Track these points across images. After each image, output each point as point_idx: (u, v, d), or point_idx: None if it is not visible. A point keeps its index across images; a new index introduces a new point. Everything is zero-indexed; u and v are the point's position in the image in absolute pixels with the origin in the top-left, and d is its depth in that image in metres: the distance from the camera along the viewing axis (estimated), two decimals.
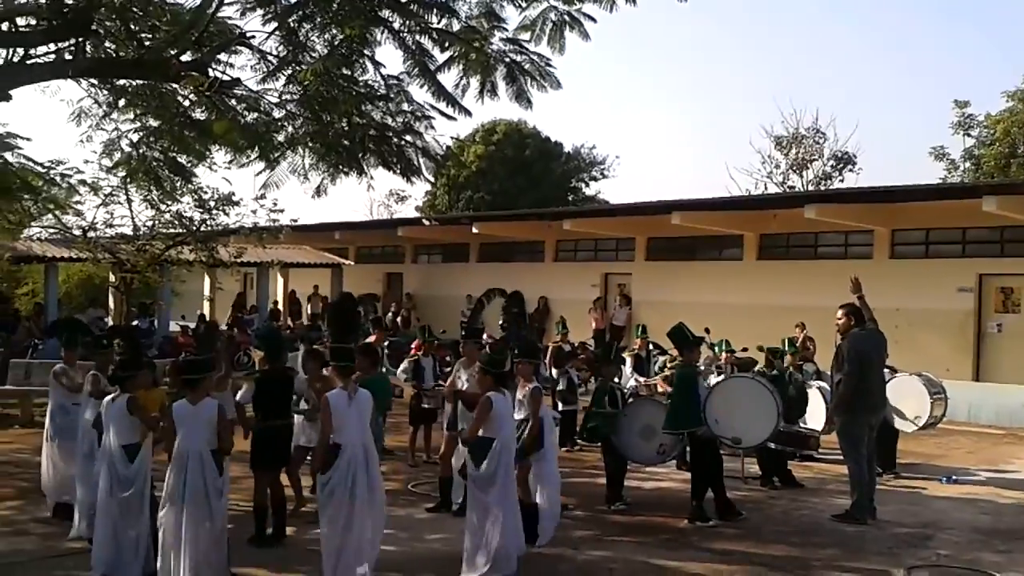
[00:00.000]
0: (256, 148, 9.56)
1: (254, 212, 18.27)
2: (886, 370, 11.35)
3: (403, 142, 10.00)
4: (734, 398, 9.22)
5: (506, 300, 25.83)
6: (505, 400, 7.54)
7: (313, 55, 8.86)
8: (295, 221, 19.72)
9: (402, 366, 12.13)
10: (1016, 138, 27.83)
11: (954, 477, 11.24)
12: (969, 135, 30.77)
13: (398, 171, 10.18)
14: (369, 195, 44.09)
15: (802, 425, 11.17)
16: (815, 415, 11.31)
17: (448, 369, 11.64)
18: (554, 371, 13.22)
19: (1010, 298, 17.95)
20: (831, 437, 11.04)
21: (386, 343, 15.60)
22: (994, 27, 55.26)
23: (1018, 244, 17.72)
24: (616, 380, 10.53)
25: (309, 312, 28.11)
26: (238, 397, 8.65)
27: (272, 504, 8.16)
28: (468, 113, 9.82)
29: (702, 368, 10.91)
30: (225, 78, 9.37)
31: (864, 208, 18.92)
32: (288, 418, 8.51)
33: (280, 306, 28.79)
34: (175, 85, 9.70)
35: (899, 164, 57.25)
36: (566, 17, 9.48)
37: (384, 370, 12.10)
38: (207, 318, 25.10)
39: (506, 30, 9.71)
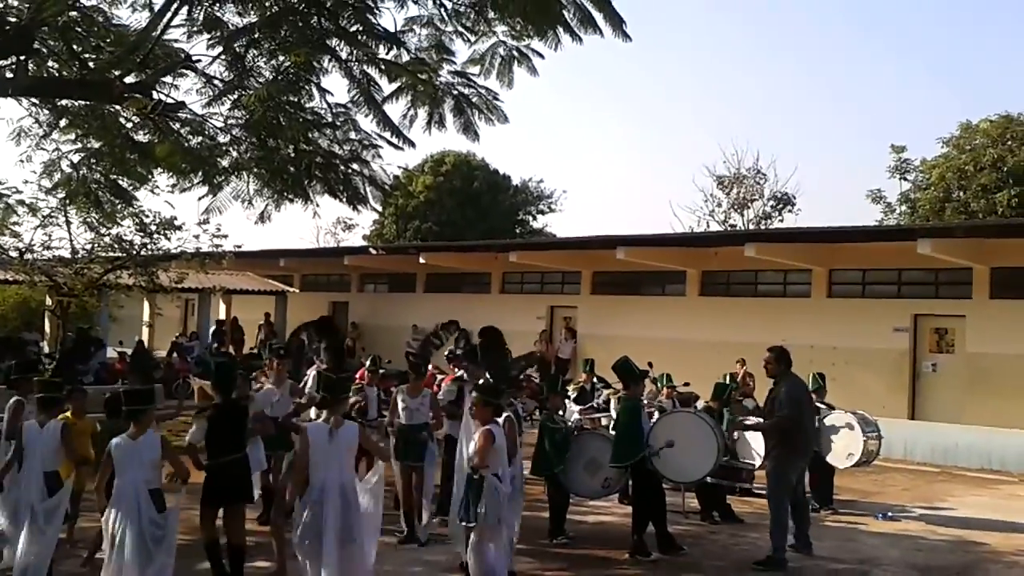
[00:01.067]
0: (199, 172, 9.43)
1: (196, 237, 18.10)
2: (822, 406, 11.56)
3: (350, 170, 9.96)
4: (676, 433, 9.28)
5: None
6: (502, 433, 7.36)
7: (259, 80, 8.80)
8: (239, 247, 19.52)
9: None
10: (950, 183, 28.64)
11: (890, 514, 11.41)
12: (905, 179, 31.63)
13: (344, 199, 10.11)
14: (316, 223, 43.40)
15: (740, 461, 11.26)
16: (754, 449, 11.40)
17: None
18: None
19: (944, 339, 18.39)
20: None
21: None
22: (932, 74, 57.15)
23: (952, 286, 18.21)
24: (560, 413, 10.52)
25: (261, 338, 27.55)
26: (189, 437, 8.22)
27: (229, 549, 7.46)
28: (412, 144, 9.83)
29: (645, 402, 10.95)
30: (169, 101, 9.27)
31: (803, 248, 19.31)
32: (240, 451, 7.74)
33: (224, 332, 28.36)
34: (118, 107, 9.56)
35: (837, 205, 58.82)
36: (514, 52, 9.57)
37: None
38: (144, 344, 24.59)
39: (455, 63, 9.78)
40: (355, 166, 10.03)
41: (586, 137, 67.21)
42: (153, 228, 17.35)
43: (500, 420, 7.53)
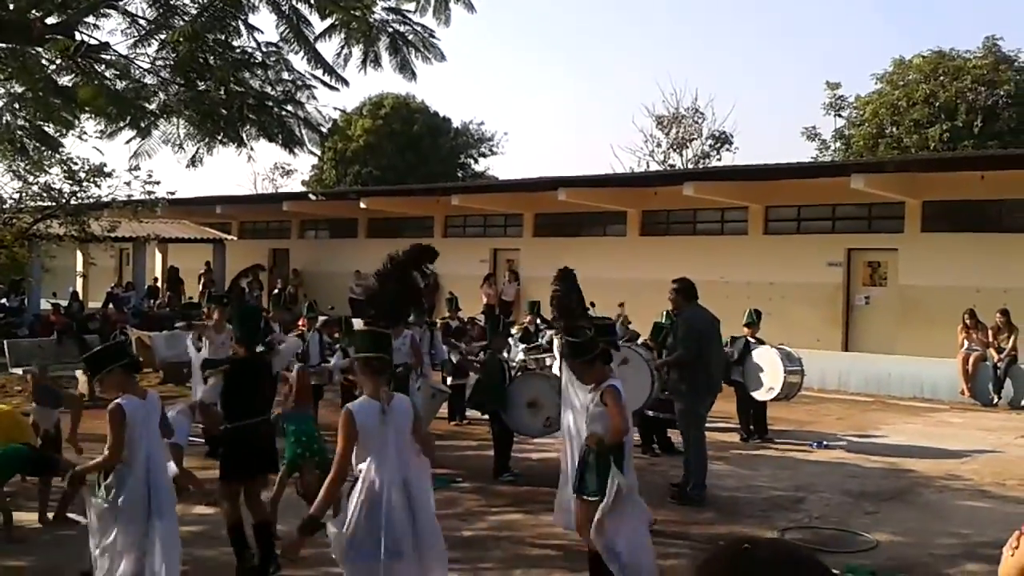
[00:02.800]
0: (126, 116, 9.14)
1: (128, 184, 17.66)
2: (753, 340, 11.79)
3: (284, 112, 9.72)
4: (616, 366, 9.41)
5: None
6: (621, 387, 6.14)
7: (185, 18, 8.51)
8: (172, 194, 19.07)
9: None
10: (884, 119, 29.09)
11: (824, 443, 11.73)
12: (840, 116, 32.07)
13: (279, 142, 9.87)
14: (253, 169, 42.78)
15: None
16: None
17: (338, 344, 11.51)
18: (444, 347, 13.23)
19: (877, 272, 18.85)
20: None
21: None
22: (868, 10, 57.61)
23: (885, 220, 18.61)
24: (505, 354, 10.61)
25: (201, 289, 27.09)
26: (201, 396, 7.22)
27: (255, 527, 6.62)
28: (346, 83, 9.60)
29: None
30: (93, 42, 8.92)
31: (739, 186, 19.54)
32: (266, 414, 6.91)
33: (159, 283, 27.88)
34: (39, 49, 9.19)
35: (774, 143, 59.36)
36: None
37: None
38: (79, 295, 24.08)
39: None
40: (289, 108, 9.80)
41: (526, 79, 66.77)
42: (82, 176, 16.87)
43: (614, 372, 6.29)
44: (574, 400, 7.58)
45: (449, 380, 12.55)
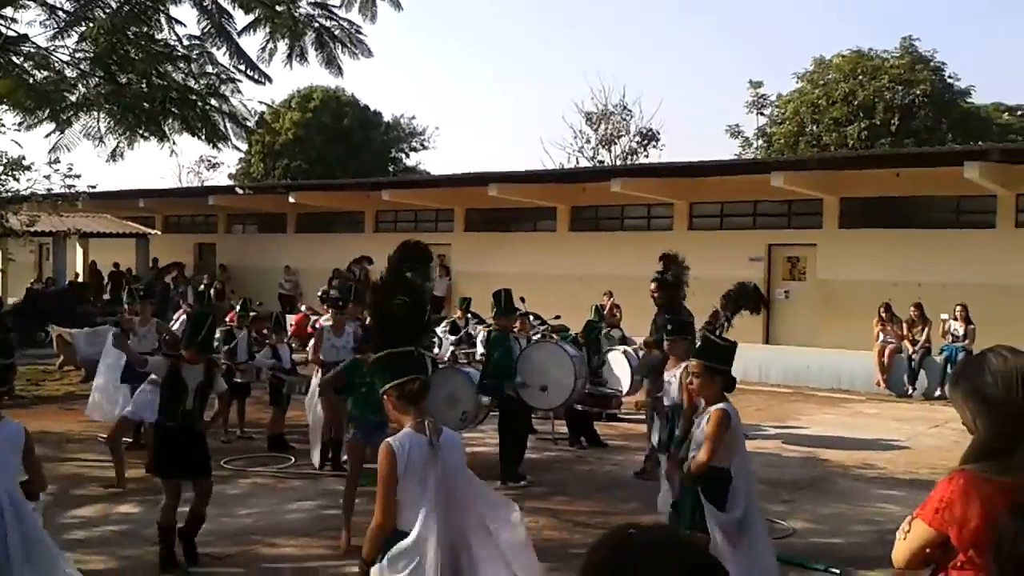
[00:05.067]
0: (45, 109, 8.95)
1: (47, 178, 17.24)
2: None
3: (208, 106, 9.62)
4: (539, 362, 9.56)
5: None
6: (737, 412, 5.39)
7: (106, 11, 8.38)
8: (93, 187, 18.67)
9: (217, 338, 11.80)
10: (804, 117, 29.81)
11: (745, 433, 12.01)
12: (762, 114, 32.81)
13: (203, 136, 9.77)
14: (177, 162, 41.48)
15: (607, 387, 11.68)
16: (620, 377, 11.84)
17: (267, 341, 11.42)
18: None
19: (796, 267, 19.36)
20: (633, 398, 11.63)
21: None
22: (788, 9, 58.84)
23: (804, 216, 19.12)
24: (436, 349, 10.65)
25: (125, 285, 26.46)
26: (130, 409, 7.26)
27: (193, 513, 6.77)
28: (269, 79, 9.57)
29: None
30: (11, 34, 8.72)
31: (665, 182, 19.86)
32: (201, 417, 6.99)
33: (80, 279, 27.21)
34: None
35: (699, 141, 60.35)
36: None
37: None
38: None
39: None
40: (213, 102, 9.70)
41: (457, 74, 66.66)
42: (0, 169, 16.42)
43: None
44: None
45: None
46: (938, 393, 15.03)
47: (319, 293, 16.01)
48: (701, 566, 1.50)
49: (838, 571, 6.75)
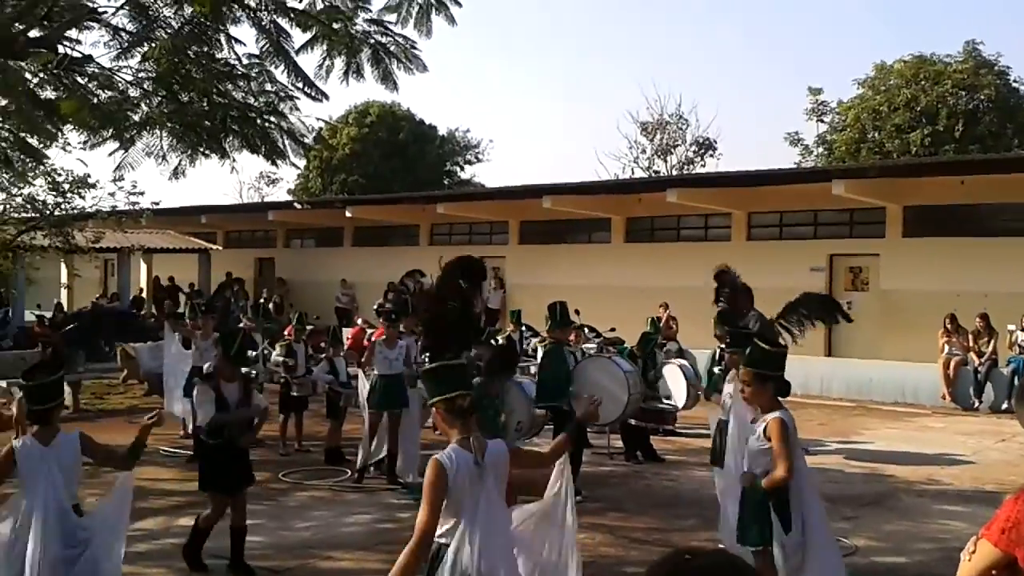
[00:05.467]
0: (109, 128, 9.17)
1: (112, 195, 17.66)
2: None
3: (267, 123, 9.78)
4: (593, 377, 9.50)
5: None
6: (793, 419, 5.21)
7: (167, 32, 8.58)
8: (157, 204, 19.09)
9: (275, 351, 11.99)
10: (866, 124, 29.27)
11: (807, 448, 11.80)
12: (822, 121, 32.27)
13: (262, 153, 9.94)
14: (238, 178, 42.33)
15: (664, 402, 11.55)
16: (677, 391, 11.71)
17: (324, 355, 11.55)
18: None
19: (859, 277, 18.99)
20: (690, 412, 11.50)
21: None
22: (848, 14, 57.98)
23: (866, 226, 18.76)
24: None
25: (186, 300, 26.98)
26: (200, 421, 7.15)
27: (235, 528, 6.95)
28: (325, 96, 9.69)
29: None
30: (76, 55, 8.96)
31: (722, 192, 19.65)
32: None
33: (144, 294, 27.80)
34: (22, 62, 9.21)
35: (757, 149, 59.70)
36: (432, 0, 9.46)
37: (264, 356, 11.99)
38: (64, 307, 24.00)
39: (370, 11, 9.61)
40: (272, 119, 9.85)
41: (511, 86, 66.93)
42: (66, 187, 16.88)
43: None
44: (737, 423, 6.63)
45: None
46: (1005, 406, 14.57)
47: (375, 306, 16.22)
48: None
49: None
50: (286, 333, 12.74)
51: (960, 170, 17.75)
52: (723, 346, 7.93)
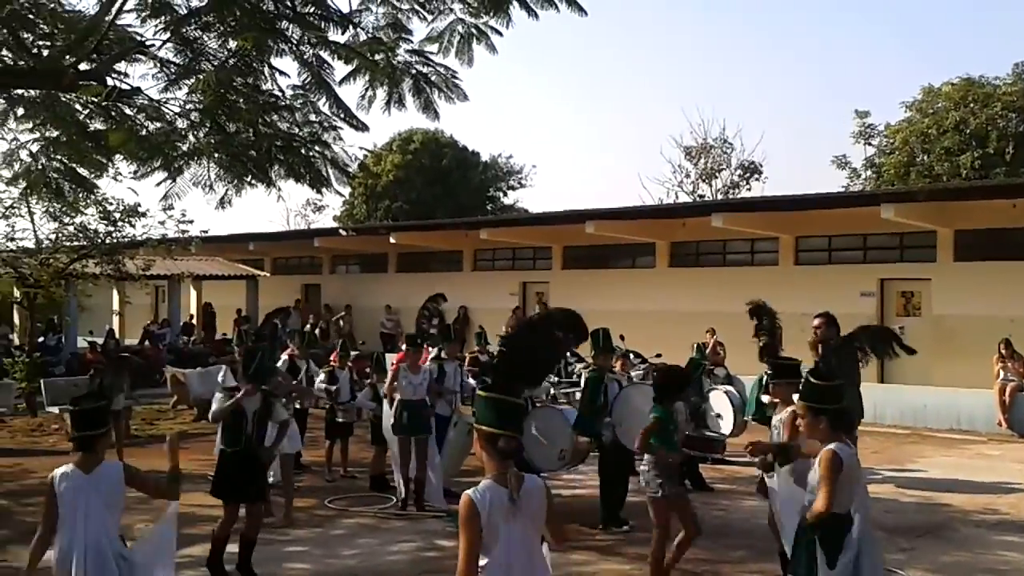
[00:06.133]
0: (157, 158, 9.34)
1: (162, 223, 18.00)
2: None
3: (311, 153, 9.89)
4: (636, 404, 9.36)
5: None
6: (854, 454, 5.11)
7: (213, 64, 8.72)
8: (205, 232, 19.39)
9: (319, 377, 12.03)
10: (914, 147, 28.88)
11: None
12: (870, 144, 31.85)
13: (307, 182, 10.05)
14: (285, 206, 43.20)
15: (711, 430, 11.37)
16: (724, 419, 11.53)
17: (368, 380, 11.57)
18: (472, 380, 13.20)
19: (911, 302, 18.63)
20: (738, 440, 11.29)
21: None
22: (895, 37, 57.42)
23: (917, 249, 18.43)
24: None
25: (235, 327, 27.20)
26: (213, 410, 7.75)
27: (243, 537, 7.35)
28: (366, 127, 9.79)
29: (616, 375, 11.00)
30: (124, 87, 9.14)
31: (769, 216, 19.44)
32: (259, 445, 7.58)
33: (194, 320, 28.18)
34: (71, 95, 9.43)
35: (804, 173, 59.08)
36: (473, 30, 9.51)
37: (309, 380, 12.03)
38: (115, 333, 24.40)
39: (412, 42, 9.71)
40: (316, 148, 9.96)
41: (554, 112, 67.14)
42: (117, 216, 17.22)
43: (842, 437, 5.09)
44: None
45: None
46: None
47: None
48: None
49: None
50: (330, 360, 12.79)
51: (1011, 193, 17.36)
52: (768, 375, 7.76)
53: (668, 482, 7.02)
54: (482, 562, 3.76)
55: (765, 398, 8.81)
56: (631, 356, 13.73)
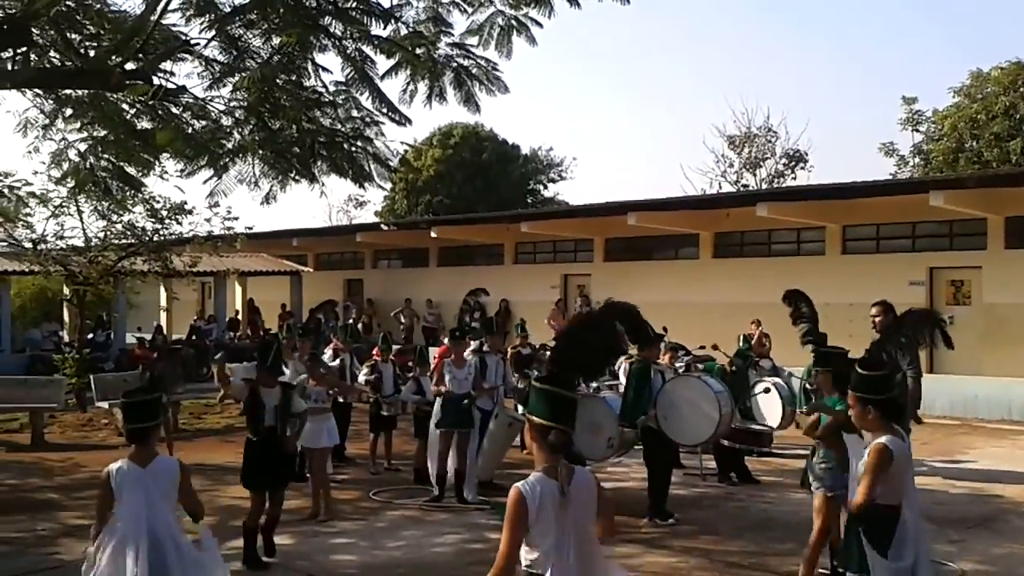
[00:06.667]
0: (203, 156, 9.45)
1: (208, 221, 18.18)
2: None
3: (354, 148, 9.94)
4: (680, 396, 9.31)
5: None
6: (906, 447, 5.06)
7: (257, 61, 8.80)
8: (250, 229, 19.58)
9: (363, 371, 12.13)
10: (963, 133, 28.31)
11: None
12: (918, 131, 31.27)
13: (349, 177, 10.10)
14: (327, 201, 43.20)
15: (758, 423, 11.25)
16: (771, 412, 11.39)
17: (411, 374, 11.64)
18: (515, 376, 13.20)
19: (960, 291, 18.29)
20: (786, 433, 11.18)
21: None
22: (942, 23, 56.33)
23: (966, 237, 18.09)
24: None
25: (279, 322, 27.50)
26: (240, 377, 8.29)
27: (267, 518, 7.72)
28: (409, 121, 9.81)
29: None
30: (170, 86, 9.26)
31: (815, 205, 19.18)
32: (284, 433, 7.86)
33: (239, 315, 28.53)
34: (118, 95, 9.56)
35: (850, 161, 58.24)
36: (513, 22, 9.47)
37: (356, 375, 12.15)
38: (163, 329, 24.78)
39: (452, 35, 9.70)
40: (359, 144, 10.01)
41: (594, 103, 66.85)
42: (164, 213, 17.44)
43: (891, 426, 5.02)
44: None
45: (520, 409, 12.53)
46: None
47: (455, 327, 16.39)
48: None
49: None
50: (373, 354, 12.87)
51: None
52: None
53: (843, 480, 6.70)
54: (533, 555, 3.73)
55: (810, 386, 8.70)
56: (678, 351, 13.64)
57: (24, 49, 9.23)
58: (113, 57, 9.01)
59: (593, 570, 3.82)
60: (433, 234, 25.80)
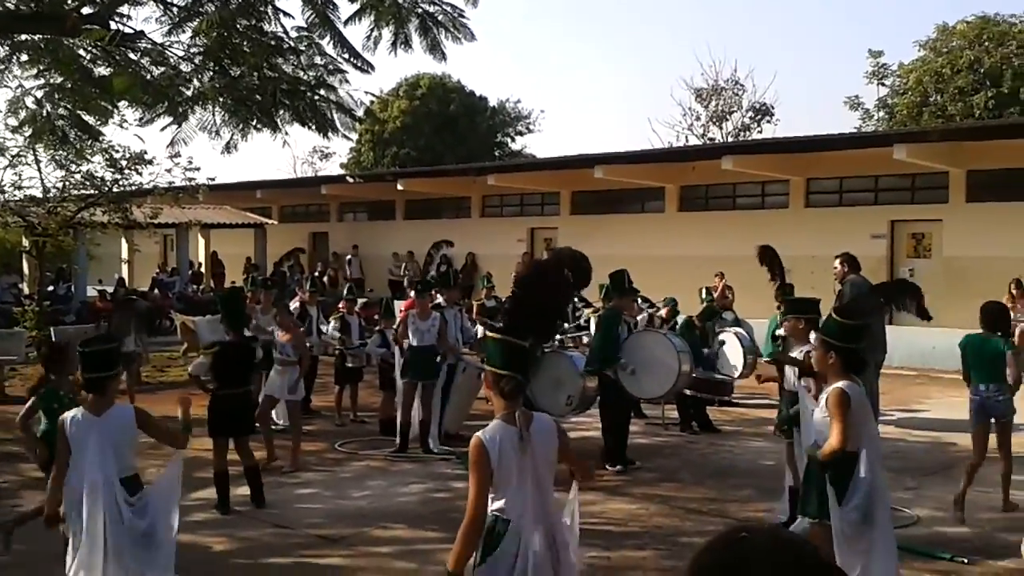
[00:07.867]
0: (162, 103, 9.25)
1: (169, 171, 17.86)
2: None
3: (317, 97, 9.78)
4: (644, 349, 9.39)
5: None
6: (862, 392, 5.12)
7: (216, 4, 8.60)
8: (212, 180, 19.27)
9: (330, 324, 12.11)
10: (928, 87, 28.48)
11: None
12: (883, 84, 31.40)
13: (313, 126, 9.95)
14: (292, 153, 42.53)
15: (719, 374, 11.41)
16: (733, 361, 11.55)
17: (378, 327, 11.61)
18: (479, 327, 13.24)
19: (921, 243, 18.52)
20: (746, 382, 11.34)
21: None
22: None
23: (928, 191, 18.25)
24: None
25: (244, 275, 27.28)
26: (191, 369, 8.56)
27: (246, 472, 7.90)
28: (371, 67, 9.66)
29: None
30: (127, 31, 9.03)
31: (779, 158, 19.25)
32: (247, 385, 8.19)
33: (203, 268, 28.26)
34: (75, 40, 9.32)
35: (816, 114, 58.42)
36: None
37: (321, 329, 12.13)
38: (125, 282, 24.48)
39: None
40: (322, 92, 9.85)
41: (562, 55, 66.37)
42: (124, 163, 17.12)
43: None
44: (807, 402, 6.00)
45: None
46: None
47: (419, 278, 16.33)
48: (816, 571, 1.39)
49: (965, 560, 6.43)
50: (339, 306, 12.84)
51: None
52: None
53: None
54: (498, 503, 3.80)
55: (780, 331, 8.82)
56: (639, 301, 13.72)
57: None
58: (69, 1, 8.78)
59: (552, 509, 3.92)
60: (399, 187, 25.59)
